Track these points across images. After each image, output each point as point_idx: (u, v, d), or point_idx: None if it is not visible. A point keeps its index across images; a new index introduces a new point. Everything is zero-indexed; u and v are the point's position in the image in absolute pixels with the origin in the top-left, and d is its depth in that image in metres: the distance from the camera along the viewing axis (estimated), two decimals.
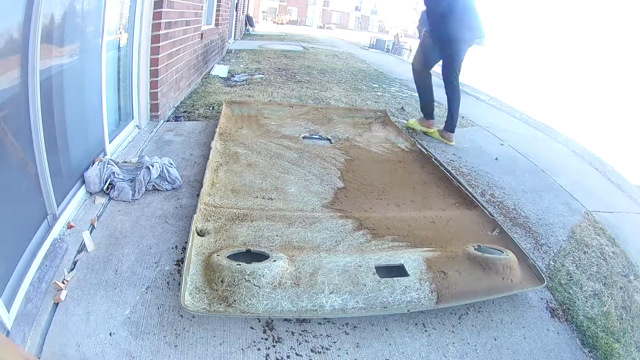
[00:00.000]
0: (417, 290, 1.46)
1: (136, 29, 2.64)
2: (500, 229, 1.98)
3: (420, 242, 1.82)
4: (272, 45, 10.08)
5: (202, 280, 1.40)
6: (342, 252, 1.64)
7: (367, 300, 1.40)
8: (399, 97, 5.15)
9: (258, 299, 1.32)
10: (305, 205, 2.04)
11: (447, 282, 1.51)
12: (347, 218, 1.93)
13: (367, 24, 47.90)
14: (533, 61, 32.01)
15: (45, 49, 1.47)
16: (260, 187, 2.16)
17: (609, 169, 3.61)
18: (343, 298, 1.38)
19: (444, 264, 1.59)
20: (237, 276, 1.35)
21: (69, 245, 1.57)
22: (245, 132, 2.96)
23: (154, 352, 1.21)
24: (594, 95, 15.18)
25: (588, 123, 7.71)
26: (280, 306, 1.32)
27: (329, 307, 1.36)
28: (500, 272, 1.60)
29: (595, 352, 1.48)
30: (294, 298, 1.35)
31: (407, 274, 1.52)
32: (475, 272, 1.58)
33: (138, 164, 2.08)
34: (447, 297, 1.47)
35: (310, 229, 1.81)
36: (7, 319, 1.15)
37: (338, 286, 1.41)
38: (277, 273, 1.40)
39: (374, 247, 1.74)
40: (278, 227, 1.78)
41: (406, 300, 1.42)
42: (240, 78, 5.25)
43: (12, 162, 1.36)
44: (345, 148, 2.89)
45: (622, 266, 2.05)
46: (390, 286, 1.45)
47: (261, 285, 1.35)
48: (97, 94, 2.11)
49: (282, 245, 1.67)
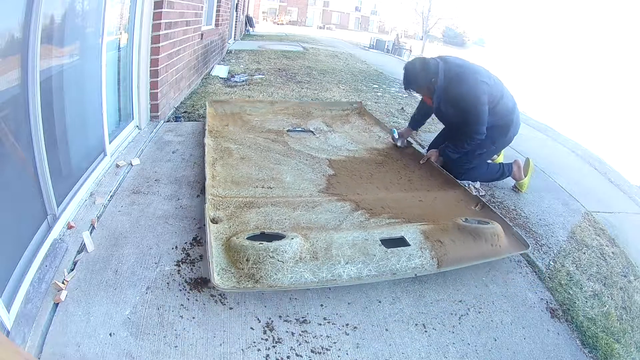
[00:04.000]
0: (419, 257, 1.61)
1: (136, 30, 2.64)
2: (482, 203, 2.14)
3: (413, 217, 1.96)
4: (272, 45, 10.08)
5: (227, 262, 1.48)
6: (347, 230, 1.76)
7: (378, 268, 1.53)
8: (399, 97, 5.15)
9: (283, 274, 1.42)
10: (303, 192, 2.17)
11: (445, 249, 1.66)
12: (344, 201, 2.07)
13: (367, 24, 47.90)
14: (533, 61, 32.02)
15: (45, 49, 1.48)
16: (258, 178, 2.27)
17: (609, 169, 3.61)
18: (357, 267, 1.51)
19: (439, 235, 1.73)
20: (262, 254, 1.45)
21: (69, 245, 1.57)
22: (232, 128, 3.05)
23: (154, 352, 1.21)
24: (595, 95, 15.17)
25: (588, 123, 7.71)
26: (303, 278, 1.43)
27: (346, 276, 1.48)
28: (488, 239, 1.76)
29: (595, 352, 1.48)
30: (315, 270, 1.46)
31: (409, 244, 1.66)
32: (466, 241, 1.73)
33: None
34: (446, 262, 1.63)
35: (313, 211, 1.93)
36: (7, 319, 1.15)
37: (351, 257, 1.54)
38: (297, 249, 1.51)
39: (373, 224, 1.87)
40: (284, 212, 1.89)
41: (412, 266, 1.57)
42: (241, 78, 5.25)
43: (12, 162, 1.36)
44: (329, 139, 3.05)
45: (622, 266, 2.05)
46: (396, 255, 1.59)
47: (284, 260, 1.45)
48: (97, 95, 2.11)
49: (292, 226, 1.78)
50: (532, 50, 39.32)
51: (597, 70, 28.29)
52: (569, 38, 41.57)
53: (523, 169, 2.64)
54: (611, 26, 40.11)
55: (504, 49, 39.79)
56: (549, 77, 20.79)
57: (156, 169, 2.34)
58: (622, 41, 36.32)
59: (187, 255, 1.64)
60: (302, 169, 2.46)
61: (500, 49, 39.85)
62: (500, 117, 2.34)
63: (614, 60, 32.67)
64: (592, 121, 8.28)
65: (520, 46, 41.22)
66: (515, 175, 2.63)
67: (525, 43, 42.05)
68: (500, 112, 2.33)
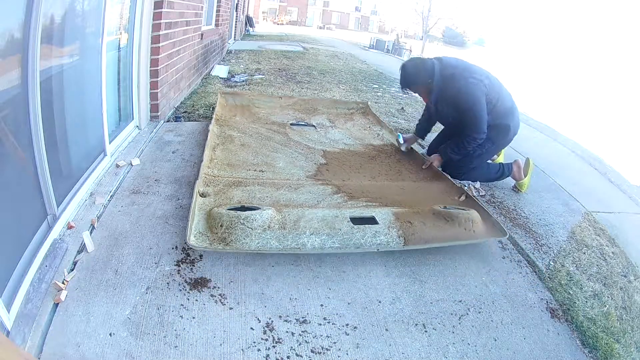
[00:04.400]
0: (385, 235, 1.70)
1: (136, 30, 2.64)
2: (465, 194, 2.21)
3: (391, 203, 2.04)
4: (272, 45, 10.08)
5: (205, 227, 1.65)
6: (322, 208, 1.88)
7: (342, 241, 1.65)
8: (399, 97, 5.15)
9: (251, 239, 1.57)
10: (292, 176, 2.30)
11: (413, 229, 1.75)
12: (327, 185, 2.20)
13: (367, 24, 47.89)
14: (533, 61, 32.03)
15: (45, 49, 1.47)
16: (253, 163, 2.42)
17: (609, 169, 3.61)
18: (322, 239, 1.64)
19: (411, 217, 1.82)
20: (234, 220, 1.61)
21: (69, 245, 1.57)
22: (239, 119, 3.20)
23: (154, 352, 1.21)
24: (595, 95, 15.18)
25: (588, 123, 7.71)
26: (269, 244, 1.58)
27: (310, 245, 1.61)
28: (462, 224, 1.84)
29: (595, 352, 1.48)
30: (280, 238, 1.60)
31: (377, 223, 1.75)
32: (438, 224, 1.82)
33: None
34: (413, 241, 1.71)
35: (295, 192, 2.08)
36: (7, 319, 1.15)
37: (317, 230, 1.66)
38: (267, 219, 1.65)
39: (350, 205, 1.97)
40: (268, 191, 2.05)
41: (376, 242, 1.67)
42: (241, 78, 5.25)
43: (12, 162, 1.36)
44: (329, 133, 3.16)
45: (622, 266, 2.05)
46: (362, 231, 1.68)
47: (253, 227, 1.60)
48: (97, 94, 2.11)
49: (271, 203, 1.90)
50: (532, 50, 39.32)
51: (597, 70, 28.29)
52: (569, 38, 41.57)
53: (523, 169, 2.64)
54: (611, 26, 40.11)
55: (504, 49, 39.78)
56: (549, 76, 20.79)
57: (156, 169, 2.34)
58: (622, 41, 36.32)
59: (187, 255, 1.64)
60: (297, 157, 2.58)
61: (500, 49, 39.84)
62: (499, 117, 2.34)
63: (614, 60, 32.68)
64: (592, 121, 8.28)
65: (520, 46, 41.20)
66: (515, 175, 2.63)
67: (525, 43, 42.04)
68: (499, 112, 2.33)
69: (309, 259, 1.71)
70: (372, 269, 1.70)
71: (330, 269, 1.67)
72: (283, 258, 1.69)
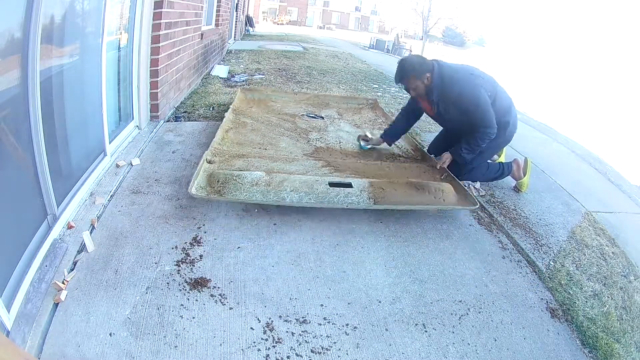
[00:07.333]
0: (357, 196, 1.97)
1: (136, 30, 2.64)
2: (447, 174, 2.39)
3: (372, 176, 2.27)
4: (272, 45, 10.07)
5: (205, 183, 1.98)
6: (307, 175, 2.13)
7: (318, 198, 1.93)
8: (399, 97, 5.15)
9: (240, 192, 1.90)
10: (290, 154, 2.56)
11: (384, 194, 1.99)
12: (319, 160, 2.47)
13: (367, 24, 47.86)
14: (533, 61, 32.03)
15: (45, 49, 1.47)
16: (259, 143, 2.69)
17: (609, 169, 3.61)
18: (299, 195, 1.92)
19: (384, 185, 2.05)
20: (228, 177, 1.96)
21: (69, 245, 1.57)
22: (255, 109, 3.48)
23: (154, 352, 1.21)
24: (595, 95, 15.17)
25: (588, 123, 7.71)
26: (255, 197, 1.89)
27: (289, 200, 1.91)
28: (432, 192, 2.07)
29: (595, 352, 1.48)
30: (265, 193, 1.91)
31: (352, 187, 2.00)
32: (409, 191, 2.05)
33: None
34: (381, 202, 1.96)
35: (289, 164, 2.36)
36: (7, 319, 1.15)
37: (297, 188, 1.94)
38: (256, 177, 1.96)
39: (335, 176, 2.22)
40: (265, 162, 2.35)
41: (348, 201, 1.94)
42: (241, 78, 5.25)
43: (12, 162, 1.36)
44: (334, 123, 3.39)
45: (622, 266, 2.05)
46: (336, 192, 1.96)
47: (243, 183, 1.92)
48: (97, 94, 2.11)
49: (266, 170, 2.14)
50: (533, 50, 39.32)
51: (597, 70, 28.29)
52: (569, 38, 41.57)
53: (522, 168, 2.64)
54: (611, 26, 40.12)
55: (504, 49, 39.79)
56: (549, 76, 20.79)
57: (156, 169, 2.34)
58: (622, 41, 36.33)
59: (187, 255, 1.64)
60: (299, 140, 2.84)
61: (500, 49, 39.85)
62: (497, 114, 2.34)
63: (613, 60, 32.67)
64: (592, 121, 8.28)
65: (520, 46, 41.21)
66: (515, 174, 2.63)
67: (526, 43, 42.04)
68: (498, 109, 2.33)
69: (309, 259, 1.71)
70: (372, 269, 1.70)
71: (330, 269, 1.67)
72: (283, 257, 1.69)
